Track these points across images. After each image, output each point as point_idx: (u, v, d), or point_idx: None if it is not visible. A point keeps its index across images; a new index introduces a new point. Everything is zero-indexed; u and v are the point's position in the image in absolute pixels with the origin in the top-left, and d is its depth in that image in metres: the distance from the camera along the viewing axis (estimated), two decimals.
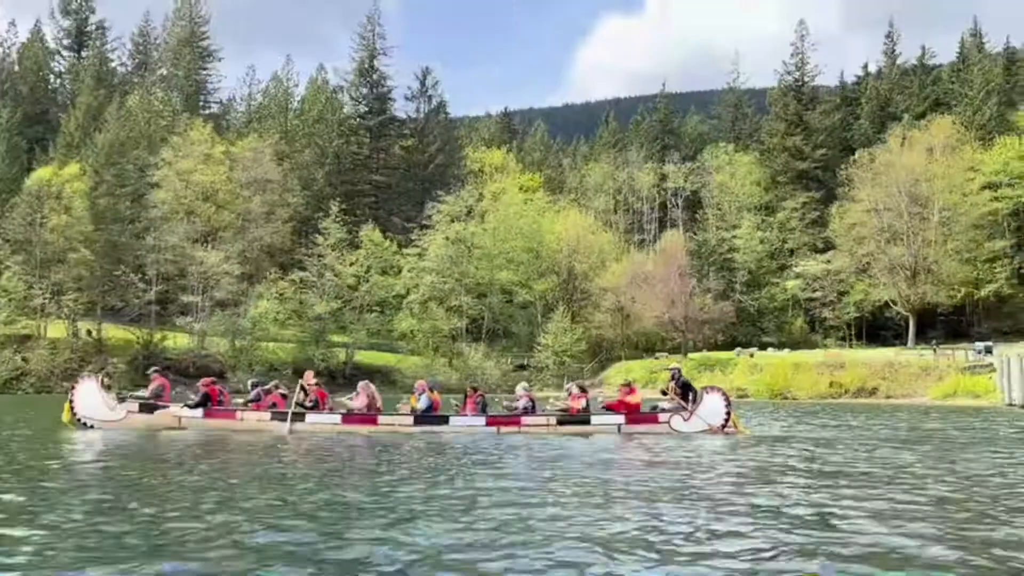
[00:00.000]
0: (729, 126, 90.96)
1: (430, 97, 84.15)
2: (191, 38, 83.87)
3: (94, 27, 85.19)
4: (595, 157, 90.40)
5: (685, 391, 16.45)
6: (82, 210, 56.17)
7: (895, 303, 57.76)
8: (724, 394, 16.33)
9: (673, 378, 16.71)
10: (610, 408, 16.54)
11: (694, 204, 79.46)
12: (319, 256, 60.52)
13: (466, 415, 16.24)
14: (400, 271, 64.28)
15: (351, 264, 60.63)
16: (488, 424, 15.69)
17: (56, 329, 53.83)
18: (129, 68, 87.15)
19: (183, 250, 56.55)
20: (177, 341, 55.86)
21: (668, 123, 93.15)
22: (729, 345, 60.53)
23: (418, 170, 79.97)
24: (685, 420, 15.89)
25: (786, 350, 57.15)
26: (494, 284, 64.91)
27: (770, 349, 58.53)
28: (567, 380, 21.14)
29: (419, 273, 63.85)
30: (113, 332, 55.63)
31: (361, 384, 16.78)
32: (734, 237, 70.56)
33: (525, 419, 15.79)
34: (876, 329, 62.80)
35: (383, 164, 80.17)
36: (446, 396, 18.87)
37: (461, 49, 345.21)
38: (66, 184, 56.30)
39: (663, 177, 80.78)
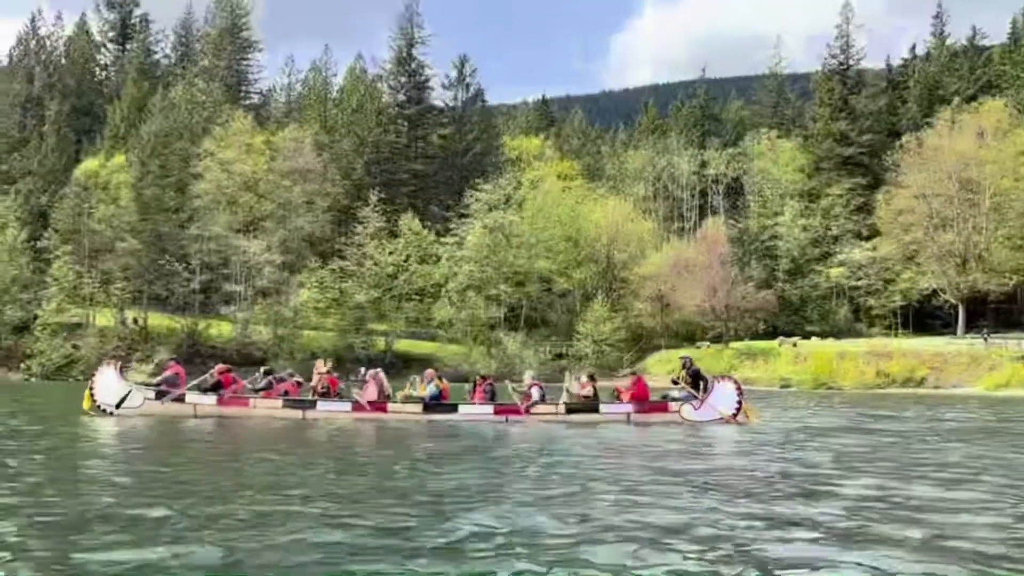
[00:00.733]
0: (771, 111, 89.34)
1: (468, 85, 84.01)
2: (232, 29, 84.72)
3: (138, 20, 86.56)
4: (634, 144, 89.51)
5: (696, 380, 16.34)
6: (128, 200, 57.22)
7: (943, 291, 56.42)
8: (736, 383, 16.29)
9: (684, 367, 16.65)
10: (619, 393, 16.52)
11: (735, 191, 78.37)
12: (358, 245, 60.98)
13: (475, 403, 16.36)
14: (438, 260, 64.41)
15: (390, 253, 61.00)
16: (496, 412, 15.82)
17: (104, 317, 55.02)
18: (172, 60, 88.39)
19: (226, 239, 57.31)
20: (221, 329, 56.74)
21: (708, 109, 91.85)
22: (771, 334, 59.68)
23: (456, 159, 80.00)
24: (696, 409, 15.80)
25: (830, 339, 56.11)
26: (532, 273, 64.70)
27: (814, 338, 57.49)
28: (571, 370, 21.03)
29: (457, 262, 63.91)
30: (159, 320, 56.75)
31: (370, 373, 16.94)
32: (776, 224, 69.44)
33: (533, 408, 15.81)
34: (923, 318, 61.44)
35: (421, 153, 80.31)
36: (458, 385, 19.08)
37: (498, 37, 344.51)
38: (113, 175, 57.40)
39: (703, 164, 79.71)
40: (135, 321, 56.21)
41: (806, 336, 58.25)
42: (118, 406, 15.53)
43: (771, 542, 5.03)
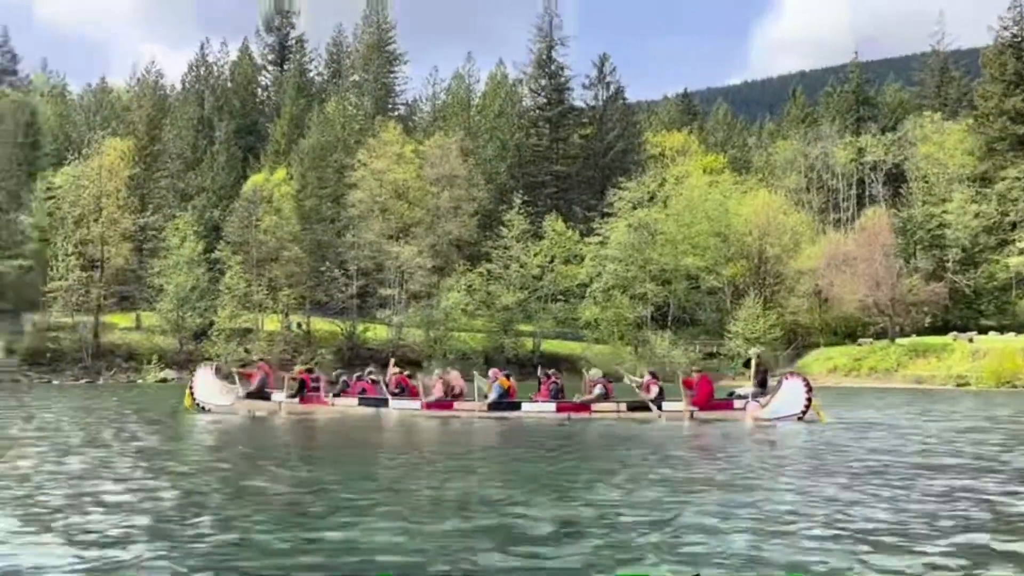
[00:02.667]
0: (934, 92, 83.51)
1: (608, 84, 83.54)
2: (379, 44, 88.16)
3: (294, 41, 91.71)
4: (783, 134, 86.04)
5: (764, 379, 16.04)
6: (290, 211, 60.57)
7: None
8: (805, 380, 15.71)
9: (750, 363, 16.36)
10: (687, 387, 16.15)
11: (896, 178, 73.66)
12: (504, 247, 61.91)
13: (537, 401, 16.60)
14: (583, 260, 64.31)
15: (535, 254, 61.53)
16: (558, 410, 15.94)
17: (272, 322, 58.54)
18: (325, 77, 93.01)
19: (379, 246, 59.59)
20: (377, 332, 59.12)
21: (862, 93, 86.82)
22: (941, 329, 55.66)
23: (598, 158, 79.76)
24: (762, 407, 15.28)
25: (1010, 334, 51.67)
26: (679, 270, 63.41)
27: (991, 333, 53.16)
28: (635, 370, 20.61)
29: (602, 261, 63.54)
30: (320, 325, 59.82)
31: (436, 372, 17.80)
32: (944, 212, 64.61)
33: (595, 405, 15.87)
34: None
35: (563, 154, 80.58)
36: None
37: (637, 33, 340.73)
38: (276, 188, 60.87)
39: (860, 151, 75.39)
40: (299, 325, 59.51)
41: (982, 331, 53.92)
42: (214, 404, 16.88)
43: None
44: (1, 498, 6.39)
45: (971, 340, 49.79)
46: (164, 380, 50.21)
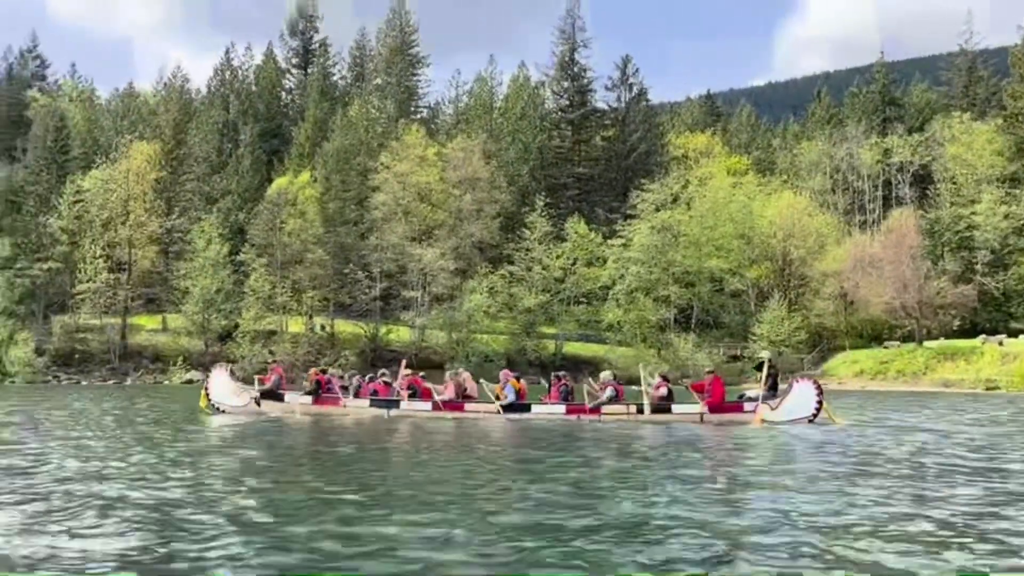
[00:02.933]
0: (961, 92, 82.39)
1: (631, 85, 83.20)
2: (402, 47, 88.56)
3: (318, 45, 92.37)
4: (808, 135, 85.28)
5: (774, 381, 15.94)
6: (314, 214, 61.02)
7: None
8: (816, 384, 15.63)
9: (762, 367, 16.15)
10: (696, 391, 16.20)
11: (923, 179, 72.77)
12: (526, 250, 61.88)
13: (547, 403, 16.69)
14: (605, 262, 64.12)
15: (558, 257, 61.45)
16: (568, 412, 16.05)
17: (296, 324, 58.97)
18: (348, 80, 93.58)
19: (402, 248, 59.83)
20: (400, 334, 59.34)
21: (888, 93, 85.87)
22: (970, 332, 54.85)
23: (620, 160, 79.50)
24: (773, 409, 15.18)
25: None
26: (703, 272, 62.98)
27: (1022, 336, 52.30)
28: (647, 370, 20.52)
29: (625, 263, 63.29)
30: (343, 327, 60.17)
31: (449, 374, 18.04)
32: (973, 213, 63.68)
33: (605, 408, 15.89)
34: None
35: (585, 156, 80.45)
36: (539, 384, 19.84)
37: (659, 34, 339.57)
38: (300, 191, 61.34)
39: (886, 152, 74.56)
40: (323, 327, 59.89)
41: (1012, 333, 53.10)
42: (229, 405, 17.05)
43: None
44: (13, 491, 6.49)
45: (1001, 343, 49.06)
46: (190, 381, 50.74)
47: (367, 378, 18.72)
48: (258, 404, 17.35)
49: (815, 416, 15.08)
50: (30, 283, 57.74)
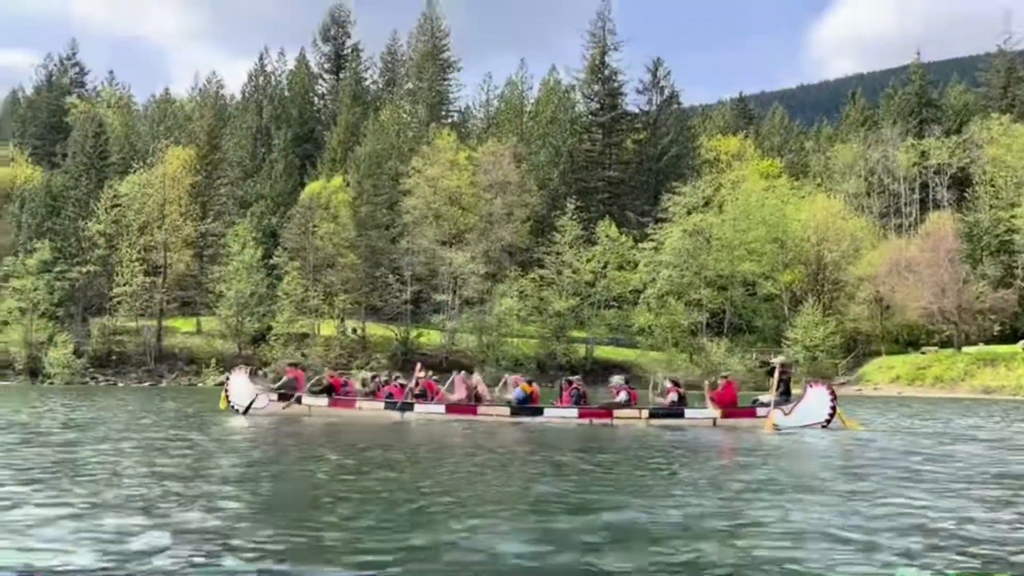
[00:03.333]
0: (1000, 93, 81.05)
1: (662, 88, 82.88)
2: (433, 52, 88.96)
3: (350, 50, 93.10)
4: (842, 138, 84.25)
5: (787, 387, 15.95)
6: (346, 218, 61.42)
7: None
8: (830, 388, 15.60)
9: (774, 372, 16.11)
10: (712, 398, 16.16)
11: (961, 182, 71.57)
12: (557, 253, 61.75)
13: (559, 407, 16.75)
14: (636, 266, 63.79)
15: (588, 260, 61.22)
16: (580, 416, 16.14)
17: (328, 327, 59.40)
18: (380, 85, 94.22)
19: (433, 252, 60.06)
20: (431, 338, 59.52)
21: (925, 95, 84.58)
22: (1010, 338, 53.81)
23: (651, 163, 79.14)
24: (786, 415, 15.15)
25: None
26: (735, 276, 62.44)
27: None
28: (657, 375, 20.58)
29: (656, 267, 62.94)
30: (375, 330, 60.48)
31: (457, 376, 18.00)
32: (1013, 217, 62.43)
33: (617, 412, 15.99)
34: None
35: (616, 159, 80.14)
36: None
37: (691, 37, 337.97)
38: (332, 195, 61.81)
39: (923, 154, 73.42)
40: (354, 331, 60.27)
41: None
42: (248, 407, 17.23)
43: None
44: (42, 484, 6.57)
45: None
46: (223, 383, 51.24)
47: (383, 380, 18.97)
48: (277, 403, 17.70)
49: (829, 421, 15.09)
50: (69, 286, 58.78)
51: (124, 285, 58.27)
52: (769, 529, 5.57)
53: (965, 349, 52.05)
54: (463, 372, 18.77)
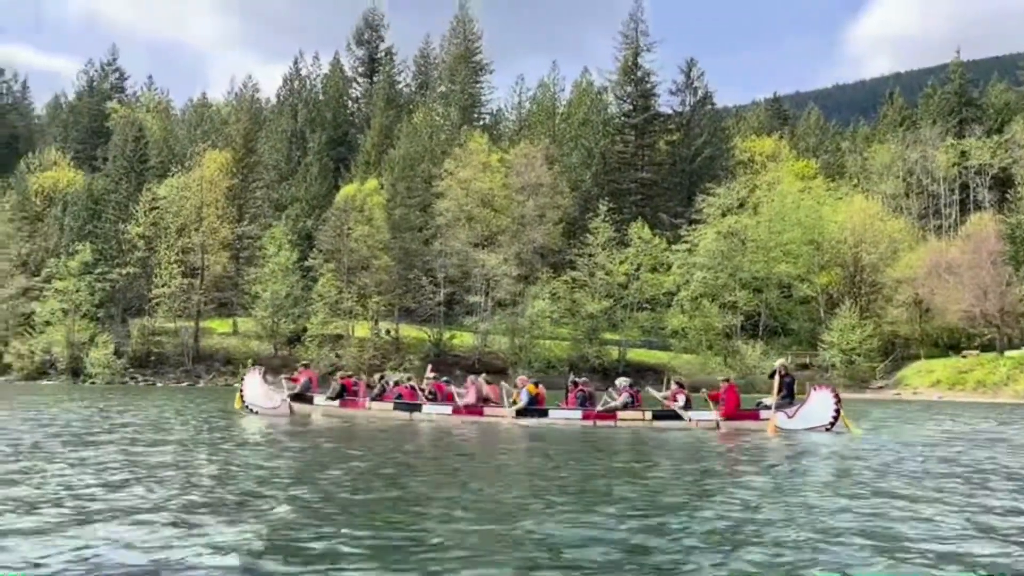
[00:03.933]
0: None
1: (695, 89, 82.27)
2: (465, 55, 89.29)
3: (383, 54, 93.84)
4: (879, 138, 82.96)
5: (790, 389, 15.83)
6: (380, 221, 61.85)
7: None
8: (834, 392, 15.49)
9: (778, 375, 15.94)
10: (713, 400, 16.21)
11: (1003, 183, 70.16)
12: (589, 255, 61.57)
13: (564, 408, 17.00)
14: (669, 268, 63.34)
15: (621, 262, 60.95)
16: (584, 418, 16.34)
17: (362, 329, 59.84)
18: (413, 88, 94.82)
19: (466, 254, 60.25)
20: (463, 339, 59.71)
21: (965, 94, 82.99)
22: None
23: (684, 164, 78.61)
24: (789, 418, 15.17)
25: None
26: (771, 278, 61.75)
27: None
28: (664, 377, 20.58)
29: (690, 269, 62.45)
30: (408, 331, 60.84)
31: (470, 379, 18.28)
32: None
33: (620, 413, 16.18)
34: None
35: (648, 161, 79.72)
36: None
37: (724, 38, 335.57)
38: (366, 198, 62.28)
39: (963, 154, 72.05)
40: (388, 332, 60.64)
41: None
42: (261, 407, 17.73)
43: None
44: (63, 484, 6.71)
45: None
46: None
47: (393, 382, 19.27)
48: (290, 407, 18.10)
49: (832, 425, 15.06)
50: (110, 287, 59.93)
51: (163, 286, 59.27)
52: (762, 533, 5.59)
53: (1008, 353, 50.93)
54: (482, 376, 18.95)
